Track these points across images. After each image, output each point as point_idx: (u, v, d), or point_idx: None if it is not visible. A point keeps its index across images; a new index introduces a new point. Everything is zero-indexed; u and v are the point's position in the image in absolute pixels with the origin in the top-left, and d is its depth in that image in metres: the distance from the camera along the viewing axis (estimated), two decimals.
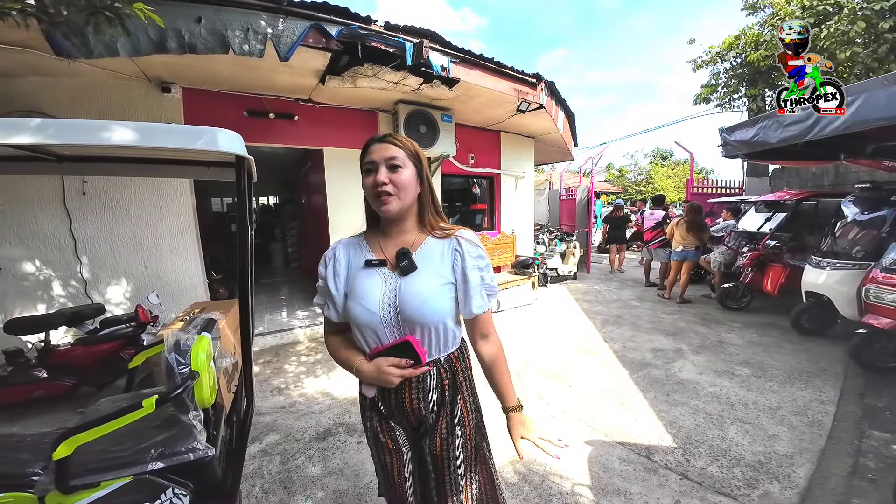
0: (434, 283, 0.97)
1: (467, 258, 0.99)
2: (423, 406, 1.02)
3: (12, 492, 1.11)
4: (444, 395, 1.04)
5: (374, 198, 0.97)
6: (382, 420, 1.06)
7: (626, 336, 4.20)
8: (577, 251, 7.48)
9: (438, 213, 1.07)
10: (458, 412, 1.04)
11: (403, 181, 0.96)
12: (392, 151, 0.96)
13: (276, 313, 4.97)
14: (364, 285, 0.99)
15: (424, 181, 1.03)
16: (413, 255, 0.98)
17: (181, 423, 1.27)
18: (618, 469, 2.09)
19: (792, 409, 2.65)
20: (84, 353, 2.74)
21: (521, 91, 4.16)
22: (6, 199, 3.08)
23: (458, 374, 1.06)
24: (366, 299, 0.97)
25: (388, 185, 0.94)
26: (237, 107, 3.88)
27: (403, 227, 1.04)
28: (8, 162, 1.62)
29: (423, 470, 1.07)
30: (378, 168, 0.95)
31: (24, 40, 2.37)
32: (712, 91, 9.38)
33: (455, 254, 1.00)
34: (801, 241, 4.83)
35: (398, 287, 0.96)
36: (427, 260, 0.99)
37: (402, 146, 0.98)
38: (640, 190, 25.48)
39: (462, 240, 1.01)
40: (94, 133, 1.16)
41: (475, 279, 0.99)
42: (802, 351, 3.65)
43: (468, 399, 1.09)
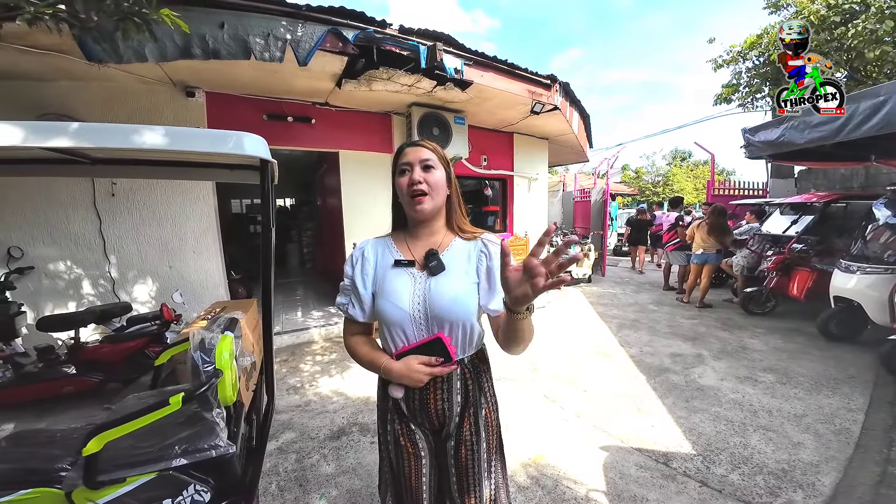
0: (463, 282, 1.00)
1: (493, 258, 1.01)
2: (446, 407, 1.03)
3: (41, 487, 1.14)
4: (469, 395, 1.05)
5: (408, 198, 1.01)
6: (404, 423, 1.06)
7: (643, 340, 4.12)
8: (592, 254, 7.37)
9: (464, 216, 1.11)
10: (482, 413, 1.06)
11: (436, 182, 1.01)
12: (425, 154, 1.01)
13: (292, 313, 5.06)
14: (394, 284, 1.02)
15: (452, 184, 1.08)
16: (441, 255, 1.02)
17: (204, 421, 1.30)
18: (634, 475, 2.05)
19: (818, 416, 2.56)
20: (111, 351, 2.85)
21: (535, 92, 4.14)
22: (41, 201, 3.23)
23: (481, 375, 1.08)
24: (396, 297, 1.00)
25: (423, 185, 0.98)
26: (257, 110, 3.98)
27: (432, 228, 1.07)
28: (44, 164, 1.70)
29: (443, 473, 1.07)
30: (413, 168, 1.00)
31: (55, 45, 2.47)
32: (734, 91, 9.14)
33: (481, 255, 1.03)
34: (829, 244, 4.65)
35: (428, 286, 0.99)
36: (455, 260, 1.02)
37: (434, 150, 1.04)
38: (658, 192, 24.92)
39: (487, 242, 1.04)
40: (127, 137, 1.20)
41: None
42: (830, 357, 3.51)
43: (491, 400, 1.10)
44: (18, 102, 3.06)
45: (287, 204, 10.79)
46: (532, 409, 2.77)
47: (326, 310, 5.12)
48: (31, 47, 2.50)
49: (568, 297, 6.27)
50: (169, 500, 1.19)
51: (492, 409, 1.09)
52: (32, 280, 3.21)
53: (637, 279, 7.71)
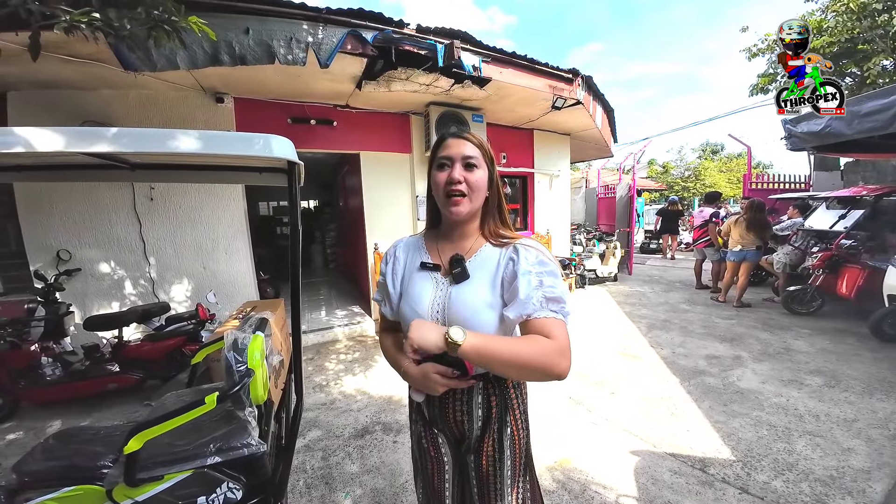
0: (485, 294, 0.90)
1: (521, 262, 0.89)
2: (466, 420, 0.98)
3: (83, 484, 1.19)
4: (492, 411, 0.97)
5: (444, 197, 0.91)
6: (426, 426, 1.05)
7: (676, 341, 3.94)
8: (618, 252, 7.14)
9: (503, 221, 1.00)
10: (508, 431, 0.97)
11: (477, 183, 0.91)
12: (469, 149, 0.91)
13: (317, 312, 5.17)
14: (416, 287, 0.97)
15: (494, 185, 0.97)
16: (468, 262, 0.93)
17: (237, 419, 1.34)
18: (668, 481, 1.96)
19: (870, 421, 2.39)
20: (151, 349, 2.99)
21: (556, 87, 4.04)
22: (87, 206, 3.44)
23: (507, 392, 0.98)
24: (416, 302, 0.95)
25: (462, 185, 0.89)
26: (282, 114, 4.09)
27: (465, 231, 0.98)
28: (87, 170, 1.80)
29: (466, 483, 1.04)
30: (454, 164, 0.90)
31: (93, 53, 2.61)
32: (771, 80, 8.64)
33: (509, 262, 0.91)
34: (881, 240, 4.32)
35: (448, 295, 0.92)
36: (481, 269, 0.93)
37: (479, 145, 0.93)
38: (688, 186, 23.88)
39: (521, 247, 0.92)
40: (164, 141, 1.26)
41: (526, 282, 0.87)
42: (884, 359, 3.26)
43: (520, 420, 1.00)
44: (62, 110, 3.27)
45: (311, 206, 11.05)
46: (558, 411, 2.70)
47: (350, 309, 5.21)
48: (71, 56, 2.65)
49: (593, 296, 6.10)
50: (203, 497, 1.22)
51: (521, 430, 1.00)
52: (79, 281, 3.43)
53: (667, 277, 7.40)
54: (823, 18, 7.41)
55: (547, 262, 0.89)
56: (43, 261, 3.30)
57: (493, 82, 3.69)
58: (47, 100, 3.24)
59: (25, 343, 2.73)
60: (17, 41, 2.10)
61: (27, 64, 2.40)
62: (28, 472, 1.22)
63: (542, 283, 0.87)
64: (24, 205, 3.26)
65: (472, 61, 3.31)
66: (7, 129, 1.10)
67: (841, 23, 6.93)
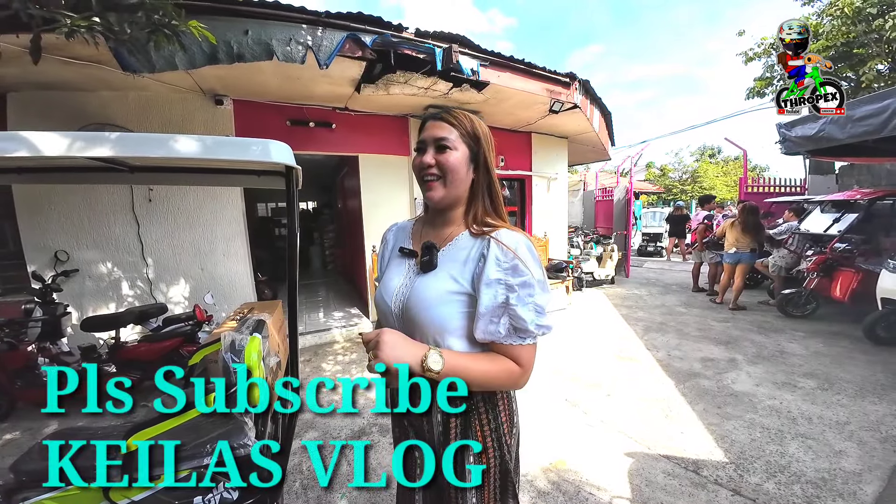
0: (446, 287, 0.82)
1: (489, 265, 0.79)
2: (426, 428, 0.89)
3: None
4: (449, 431, 0.85)
5: (420, 182, 0.88)
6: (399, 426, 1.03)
7: (672, 344, 3.96)
8: (615, 254, 7.18)
9: (494, 207, 0.90)
10: (470, 460, 0.84)
11: (451, 164, 0.83)
12: (442, 130, 0.85)
13: (314, 313, 5.18)
14: (390, 273, 0.93)
15: (481, 165, 0.88)
16: (441, 251, 0.86)
17: (234, 420, 1.35)
18: (661, 483, 1.97)
19: (862, 423, 2.41)
20: (149, 350, 2.99)
21: (553, 91, 4.08)
22: (85, 207, 3.45)
23: (470, 414, 0.85)
24: (385, 288, 0.91)
25: (434, 168, 0.84)
26: (281, 116, 4.11)
27: (448, 218, 0.91)
28: (87, 172, 1.82)
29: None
30: (427, 147, 0.86)
31: (93, 56, 2.61)
32: (767, 84, 8.72)
33: (480, 258, 0.82)
34: (875, 243, 4.37)
35: (412, 284, 0.86)
36: (451, 259, 0.85)
37: (457, 124, 0.86)
38: (685, 189, 23.99)
39: (494, 243, 0.81)
40: (164, 146, 1.27)
41: (491, 296, 0.77)
42: (877, 362, 3.29)
43: (492, 447, 0.86)
44: (62, 112, 3.28)
45: (309, 207, 11.06)
46: (553, 412, 2.72)
47: (347, 310, 5.22)
48: (72, 58, 2.66)
49: (590, 298, 6.12)
50: (199, 497, 1.23)
51: (492, 459, 0.86)
52: (77, 282, 3.43)
53: (664, 280, 7.44)
54: (819, 23, 7.47)
55: (522, 271, 0.78)
56: (41, 261, 3.30)
57: (490, 86, 3.72)
58: (47, 101, 3.25)
59: (22, 344, 2.72)
60: (18, 43, 2.12)
61: (27, 66, 2.42)
62: (25, 472, 1.23)
63: (507, 302, 0.77)
64: (22, 205, 3.27)
65: (471, 65, 3.33)
66: (10, 134, 1.12)
67: (836, 27, 6.99)
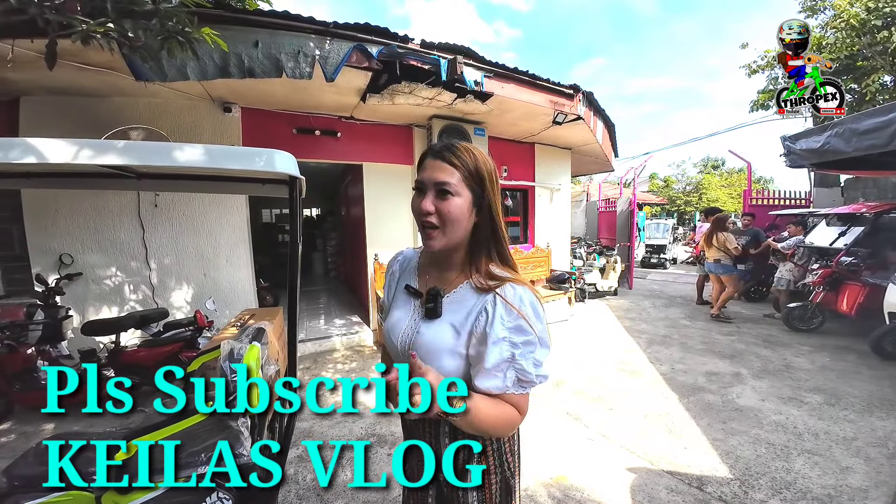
0: (447, 342, 0.81)
1: (495, 325, 0.76)
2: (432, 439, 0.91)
3: (72, 490, 1.17)
4: (449, 431, 0.89)
5: (419, 227, 0.82)
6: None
7: (675, 357, 3.91)
8: (619, 266, 7.15)
9: (500, 255, 0.85)
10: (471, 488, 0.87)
11: (452, 213, 0.77)
12: (444, 173, 0.77)
13: (315, 321, 5.16)
14: (397, 312, 0.93)
15: (485, 210, 0.81)
16: (445, 296, 0.83)
17: (230, 429, 1.33)
18: (664, 499, 1.92)
19: (870, 439, 2.37)
20: (148, 355, 2.98)
21: (557, 103, 4.11)
22: (91, 210, 3.48)
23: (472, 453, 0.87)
24: (392, 328, 0.91)
25: (433, 217, 0.78)
26: (288, 125, 4.16)
27: (451, 261, 0.87)
28: (95, 178, 1.84)
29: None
30: (427, 190, 0.79)
31: (107, 62, 2.67)
32: (771, 97, 8.78)
33: (482, 314, 0.78)
34: (882, 257, 4.33)
35: (417, 329, 0.86)
36: (454, 311, 0.82)
37: (460, 165, 0.78)
38: (689, 200, 23.99)
39: (500, 301, 0.77)
40: (171, 155, 1.29)
41: (497, 351, 0.76)
42: (885, 377, 3.23)
43: (492, 455, 0.89)
44: (73, 116, 3.34)
45: (313, 214, 11.13)
46: (554, 426, 2.67)
47: (348, 318, 5.20)
48: (85, 64, 2.71)
49: (593, 310, 6.08)
50: None
51: (495, 481, 0.89)
52: (80, 285, 3.44)
53: (667, 292, 7.38)
54: (823, 35, 7.53)
55: (526, 330, 0.76)
56: (45, 264, 3.33)
57: (494, 97, 3.77)
58: (59, 106, 3.31)
59: (22, 346, 2.73)
60: (33, 48, 2.16)
61: (41, 70, 2.46)
62: (19, 476, 1.22)
63: (513, 357, 0.76)
64: (29, 207, 3.30)
65: (475, 76, 3.38)
66: (21, 140, 1.13)
67: (840, 39, 7.04)
